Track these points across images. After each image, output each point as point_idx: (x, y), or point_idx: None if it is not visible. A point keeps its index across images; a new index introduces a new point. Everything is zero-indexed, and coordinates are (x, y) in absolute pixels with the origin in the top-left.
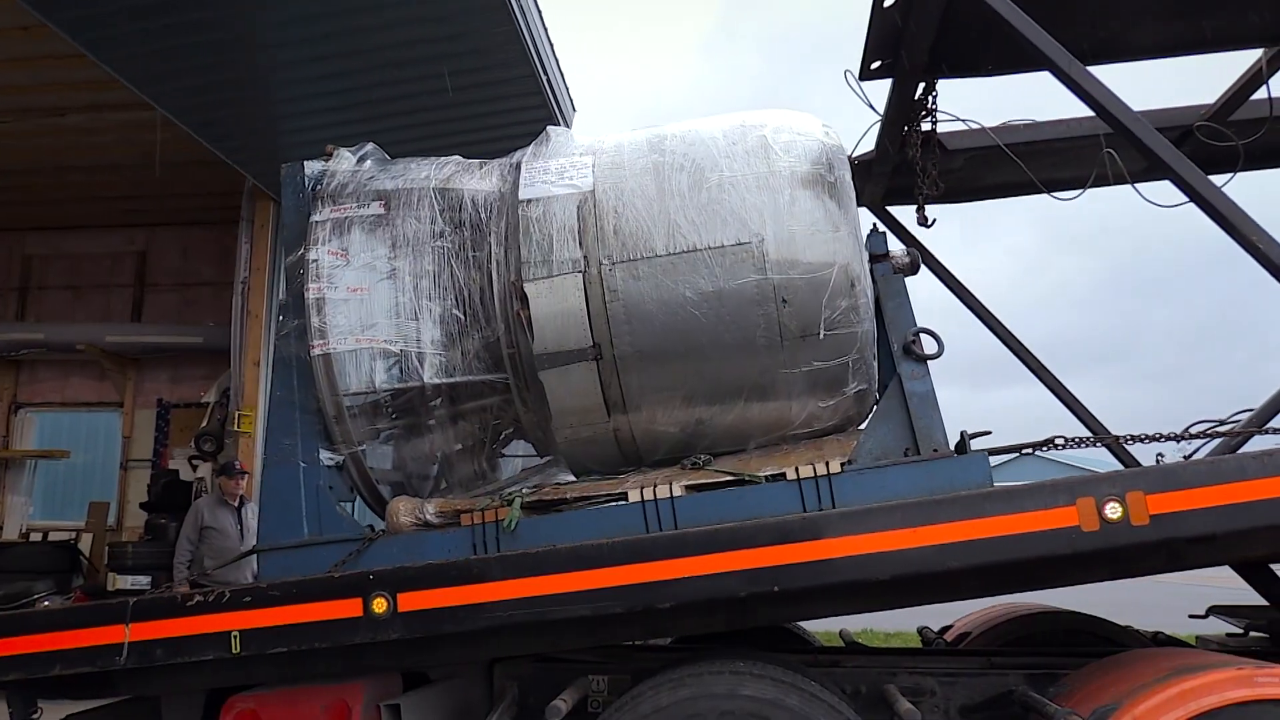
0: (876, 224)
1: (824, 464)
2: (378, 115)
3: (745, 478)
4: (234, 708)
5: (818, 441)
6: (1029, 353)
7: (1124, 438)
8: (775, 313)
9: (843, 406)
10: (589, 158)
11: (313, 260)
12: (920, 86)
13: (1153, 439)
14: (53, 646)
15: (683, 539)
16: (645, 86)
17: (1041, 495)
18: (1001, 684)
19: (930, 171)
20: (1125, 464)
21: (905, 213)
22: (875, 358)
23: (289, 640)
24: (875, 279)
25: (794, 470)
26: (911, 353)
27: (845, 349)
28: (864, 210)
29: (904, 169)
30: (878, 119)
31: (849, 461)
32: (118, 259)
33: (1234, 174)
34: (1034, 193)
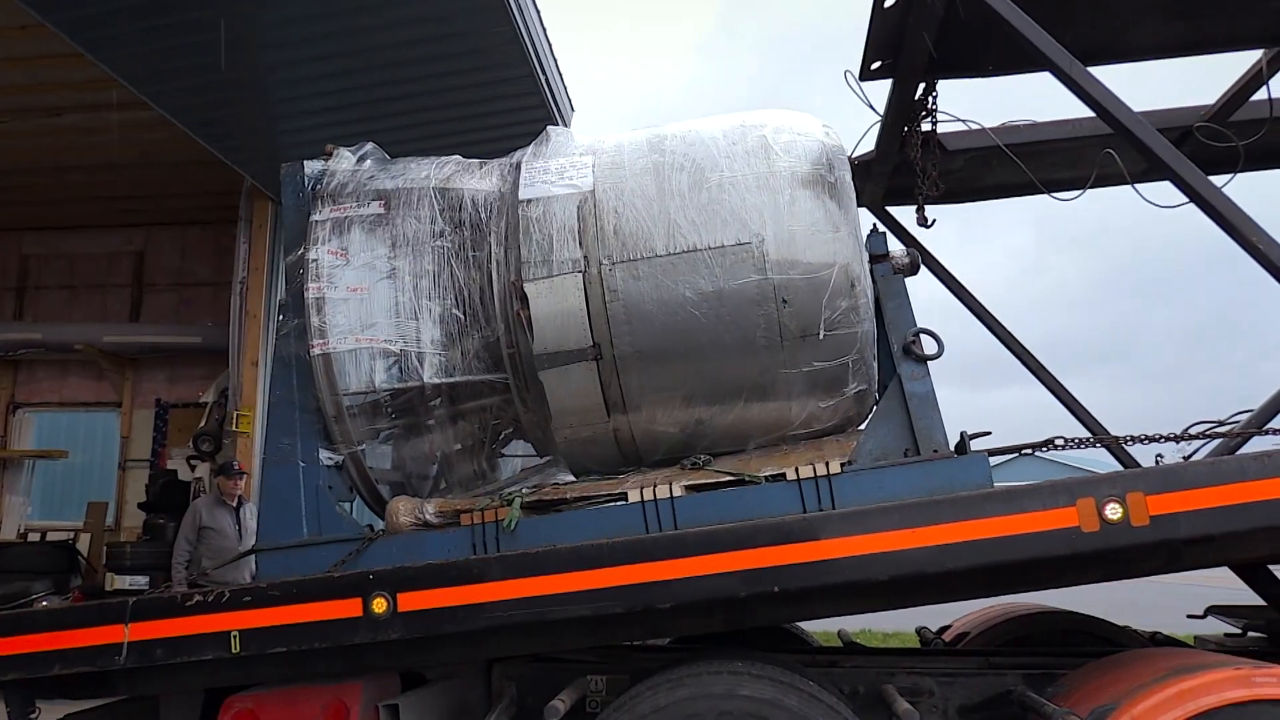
0: (876, 224)
1: (824, 464)
2: (377, 115)
3: (745, 478)
4: (232, 707)
5: (818, 442)
6: (1028, 353)
7: (1123, 438)
8: (775, 313)
9: (842, 407)
10: (589, 158)
11: (312, 260)
12: (920, 87)
13: (1152, 439)
14: (52, 646)
15: (682, 539)
16: (644, 87)
17: (1041, 496)
18: (1000, 684)
19: (930, 172)
20: (1125, 464)
21: (905, 213)
22: (875, 358)
23: (288, 640)
24: (875, 279)
25: (794, 471)
26: (911, 353)
27: (845, 349)
28: (864, 210)
29: (904, 169)
30: (878, 119)
31: (849, 462)
32: (115, 259)
33: (1234, 175)
34: (1034, 193)
